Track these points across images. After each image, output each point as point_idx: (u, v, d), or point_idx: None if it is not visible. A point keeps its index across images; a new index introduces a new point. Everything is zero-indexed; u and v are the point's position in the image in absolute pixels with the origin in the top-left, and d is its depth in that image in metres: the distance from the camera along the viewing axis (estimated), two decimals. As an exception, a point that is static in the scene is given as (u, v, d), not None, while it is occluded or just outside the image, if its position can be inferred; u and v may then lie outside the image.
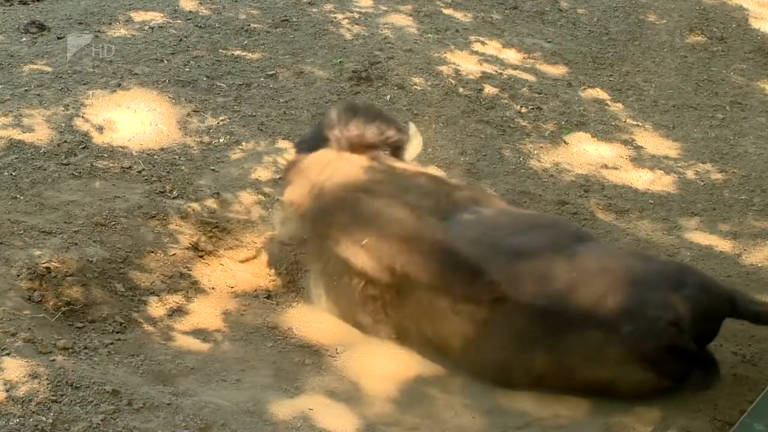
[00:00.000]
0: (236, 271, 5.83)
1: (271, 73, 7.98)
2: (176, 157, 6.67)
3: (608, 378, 4.76)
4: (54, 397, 4.13)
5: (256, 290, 5.73)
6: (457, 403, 4.86)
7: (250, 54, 8.24)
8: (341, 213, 5.31)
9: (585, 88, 8.63)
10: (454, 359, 5.01)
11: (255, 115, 7.32)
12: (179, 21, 8.69)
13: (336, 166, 5.54)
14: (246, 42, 8.44)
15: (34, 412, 4.01)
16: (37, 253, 5.21)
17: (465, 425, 4.70)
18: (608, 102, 8.48)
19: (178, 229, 5.90)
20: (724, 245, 6.44)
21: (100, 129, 6.76)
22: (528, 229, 5.08)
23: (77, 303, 5.09)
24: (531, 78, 8.58)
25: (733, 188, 7.28)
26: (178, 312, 5.35)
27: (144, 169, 6.42)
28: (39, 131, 6.60)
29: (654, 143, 7.92)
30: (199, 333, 5.24)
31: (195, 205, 6.13)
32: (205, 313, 5.42)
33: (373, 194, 5.29)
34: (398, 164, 5.65)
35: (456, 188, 5.45)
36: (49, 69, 7.57)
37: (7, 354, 4.39)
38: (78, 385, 4.24)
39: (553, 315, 4.70)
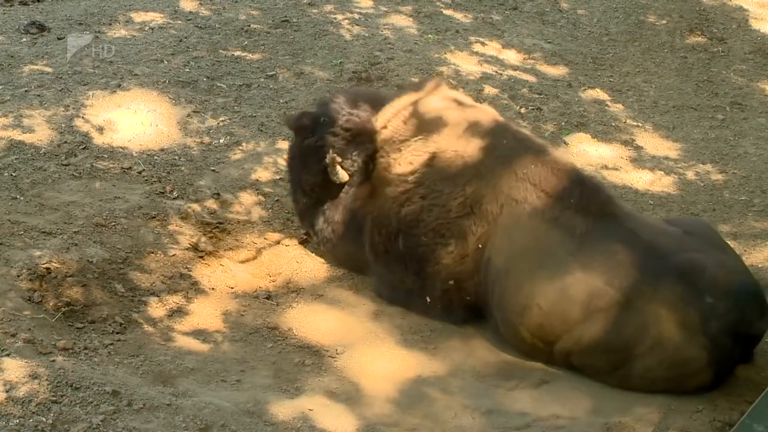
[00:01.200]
0: (236, 271, 5.83)
1: (271, 73, 7.99)
2: (176, 157, 6.67)
3: (666, 335, 4.83)
4: (54, 398, 4.13)
5: (255, 291, 5.73)
6: (457, 403, 4.87)
7: (250, 55, 8.24)
8: None
9: (585, 89, 8.63)
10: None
11: (255, 116, 7.32)
12: (179, 21, 8.69)
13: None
14: (246, 43, 8.44)
15: (34, 412, 4.01)
16: (37, 253, 5.21)
17: (465, 425, 4.70)
18: (608, 103, 8.48)
19: (178, 229, 5.90)
20: (724, 246, 6.43)
21: (101, 129, 6.77)
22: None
23: (77, 303, 5.09)
24: (531, 79, 8.58)
25: (733, 189, 7.28)
26: (178, 312, 5.36)
27: (144, 170, 6.42)
28: (39, 132, 6.60)
29: (654, 144, 7.92)
30: (199, 334, 5.24)
31: (195, 206, 6.13)
32: (205, 313, 5.42)
33: None
34: None
35: None
36: (50, 69, 7.57)
37: (7, 354, 4.39)
38: (78, 386, 4.24)
39: (655, 248, 4.99)
